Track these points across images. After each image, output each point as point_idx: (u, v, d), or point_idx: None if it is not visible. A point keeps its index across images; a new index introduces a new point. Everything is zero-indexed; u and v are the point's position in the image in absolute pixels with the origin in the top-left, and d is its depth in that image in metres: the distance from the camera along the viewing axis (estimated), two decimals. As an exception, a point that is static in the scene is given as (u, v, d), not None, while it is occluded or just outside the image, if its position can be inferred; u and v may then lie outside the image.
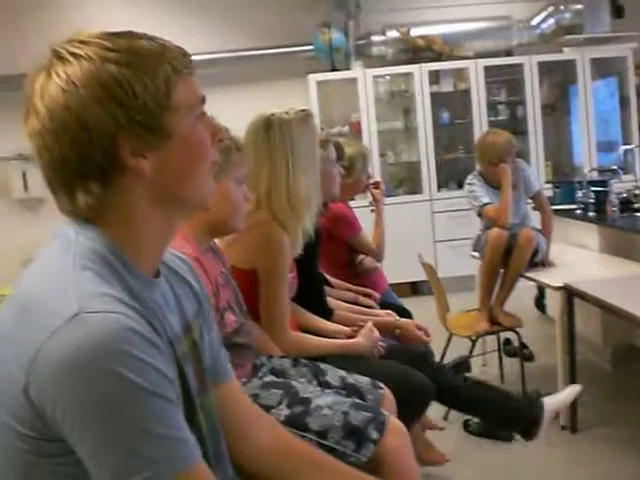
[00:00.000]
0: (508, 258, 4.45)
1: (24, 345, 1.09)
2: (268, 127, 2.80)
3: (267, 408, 2.18)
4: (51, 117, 1.18)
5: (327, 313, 3.14)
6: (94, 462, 1.09)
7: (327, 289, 3.46)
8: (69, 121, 1.17)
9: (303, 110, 2.91)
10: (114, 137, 1.18)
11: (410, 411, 2.63)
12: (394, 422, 2.24)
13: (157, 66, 1.22)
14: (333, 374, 2.54)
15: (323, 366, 2.58)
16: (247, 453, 1.55)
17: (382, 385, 2.53)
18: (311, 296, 3.07)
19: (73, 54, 1.19)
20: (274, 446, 1.59)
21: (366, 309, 3.48)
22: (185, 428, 1.16)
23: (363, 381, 2.52)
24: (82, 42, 1.21)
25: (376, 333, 2.90)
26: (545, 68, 8.07)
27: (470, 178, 4.69)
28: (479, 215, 4.62)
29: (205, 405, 1.41)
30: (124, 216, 1.24)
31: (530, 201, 4.77)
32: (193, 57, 1.29)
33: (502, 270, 4.56)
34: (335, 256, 3.97)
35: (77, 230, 1.23)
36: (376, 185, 4.40)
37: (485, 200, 4.51)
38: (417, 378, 2.80)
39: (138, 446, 1.08)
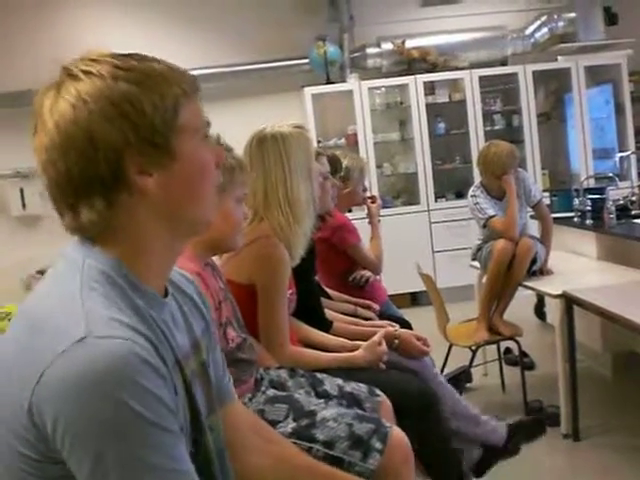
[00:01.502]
0: (507, 268, 4.46)
1: (30, 366, 1.09)
2: (262, 141, 2.82)
3: (274, 423, 2.18)
4: (59, 132, 1.18)
5: (326, 325, 3.14)
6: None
7: (326, 301, 3.46)
8: (77, 136, 1.17)
9: (297, 124, 2.94)
10: (121, 154, 1.19)
11: (411, 420, 2.62)
12: (397, 433, 2.24)
13: (166, 87, 1.23)
14: (330, 383, 2.54)
15: (320, 375, 2.58)
16: (248, 475, 1.55)
17: (379, 392, 2.54)
18: (309, 309, 3.07)
19: (84, 72, 1.20)
20: (273, 464, 1.60)
21: (364, 321, 3.48)
22: (185, 460, 1.15)
23: (360, 389, 2.53)
24: (94, 60, 1.22)
25: (382, 347, 2.89)
26: (540, 77, 8.09)
27: (473, 190, 4.69)
28: (484, 227, 4.62)
29: (213, 425, 1.41)
30: (129, 235, 1.24)
31: (530, 210, 4.78)
32: (189, 72, 1.30)
33: (500, 279, 4.57)
34: (335, 267, 3.98)
35: (84, 251, 1.23)
36: (372, 199, 4.41)
37: (491, 212, 4.53)
38: (415, 385, 2.80)
39: (135, 476, 1.07)
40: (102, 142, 1.17)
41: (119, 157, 1.19)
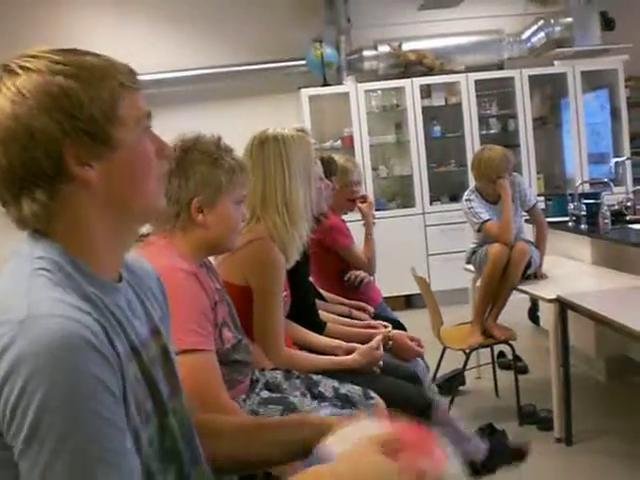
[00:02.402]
0: (502, 271, 4.46)
1: None
2: (263, 142, 2.83)
3: None
4: (0, 127, 1.20)
5: (319, 327, 3.14)
6: (28, 475, 1.07)
7: (320, 303, 3.46)
8: (17, 130, 1.19)
9: (299, 128, 2.94)
10: (61, 146, 1.20)
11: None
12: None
13: (103, 79, 1.25)
14: (326, 385, 2.54)
15: (315, 377, 2.58)
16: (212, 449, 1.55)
17: (374, 395, 2.54)
18: (303, 310, 3.08)
19: (22, 67, 1.22)
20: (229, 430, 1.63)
21: (359, 322, 3.49)
22: (125, 453, 1.13)
23: (355, 391, 2.53)
24: (32, 56, 1.24)
25: (379, 352, 2.89)
26: (536, 81, 8.11)
27: (468, 194, 4.69)
28: (479, 231, 4.62)
29: (177, 407, 1.41)
30: (74, 225, 1.26)
31: (524, 214, 4.79)
32: (186, 73, 1.31)
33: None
34: (328, 269, 3.99)
35: (32, 243, 1.25)
36: (363, 199, 4.41)
37: (485, 216, 4.53)
38: (410, 391, 2.81)
39: (72, 467, 1.06)
40: (42, 135, 1.19)
41: (59, 149, 1.21)
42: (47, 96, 1.19)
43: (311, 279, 3.50)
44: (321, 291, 3.67)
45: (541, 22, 8.12)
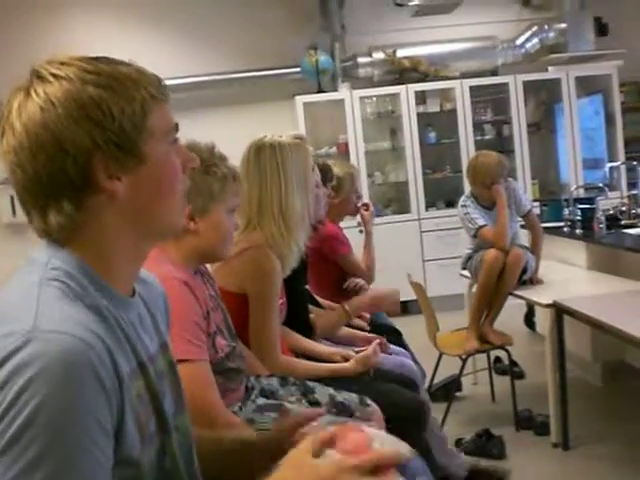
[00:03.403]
0: (498, 277, 4.46)
1: None
2: (259, 150, 2.82)
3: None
4: (28, 134, 1.18)
5: (309, 330, 3.15)
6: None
7: (316, 310, 3.46)
8: (46, 139, 1.17)
9: (297, 135, 2.94)
10: (90, 157, 1.19)
11: (403, 430, 2.62)
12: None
13: (134, 90, 1.23)
14: (321, 392, 2.54)
15: (311, 384, 2.58)
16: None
17: (370, 402, 2.53)
18: (296, 317, 3.08)
19: (53, 74, 1.20)
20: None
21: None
22: None
23: (351, 399, 2.52)
24: (62, 63, 1.22)
25: (375, 359, 2.89)
26: (530, 87, 8.12)
27: (463, 200, 4.70)
28: (474, 237, 4.63)
29: (180, 425, 1.40)
30: (96, 237, 1.24)
31: (520, 219, 4.79)
32: (181, 80, 1.30)
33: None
34: (325, 277, 3.98)
35: (50, 252, 1.23)
36: (366, 207, 4.41)
37: (481, 222, 4.53)
38: (405, 396, 2.81)
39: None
40: (71, 146, 1.18)
41: (88, 161, 1.19)
42: (77, 105, 1.18)
43: (308, 287, 3.50)
44: (317, 298, 3.67)
45: (535, 28, 8.14)
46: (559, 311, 3.90)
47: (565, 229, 5.30)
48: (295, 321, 3.06)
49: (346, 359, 2.89)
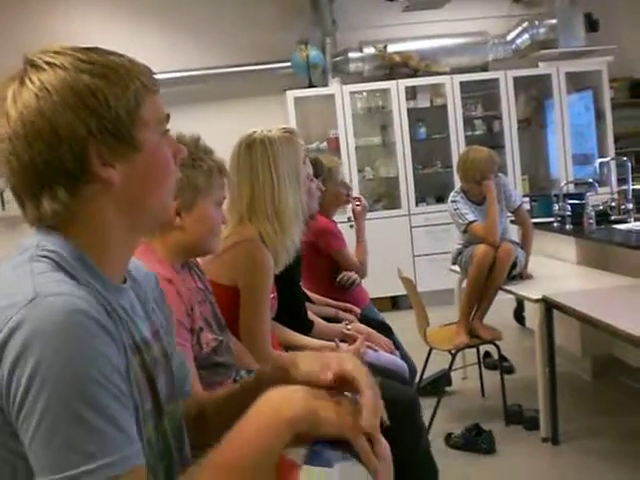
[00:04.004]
0: (488, 272, 4.47)
1: None
2: (250, 145, 2.81)
3: None
4: (23, 122, 1.18)
5: (307, 327, 3.15)
6: (33, 450, 1.06)
7: (307, 305, 3.46)
8: (41, 126, 1.17)
9: (286, 128, 2.92)
10: (86, 145, 1.19)
11: (395, 424, 2.62)
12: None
13: (128, 80, 1.23)
14: None
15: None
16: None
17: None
18: (291, 312, 3.07)
19: (48, 63, 1.20)
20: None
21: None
22: (127, 427, 1.11)
23: None
24: (56, 52, 1.22)
25: (362, 352, 2.88)
26: (521, 83, 8.14)
27: (453, 195, 4.70)
28: (464, 232, 4.63)
29: (172, 411, 1.41)
30: (88, 224, 1.24)
31: (510, 214, 4.80)
32: (172, 74, 1.31)
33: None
34: (318, 271, 3.98)
35: (39, 236, 1.23)
36: (358, 201, 4.39)
37: (471, 218, 4.54)
38: (396, 391, 2.81)
39: (77, 438, 1.04)
40: (66, 133, 1.18)
41: (83, 148, 1.19)
42: (73, 93, 1.18)
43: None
44: (308, 292, 3.67)
45: (525, 24, 8.15)
46: (549, 306, 3.91)
47: (555, 224, 5.31)
48: (292, 316, 3.06)
49: (333, 352, 2.89)
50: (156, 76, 1.32)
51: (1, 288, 1.16)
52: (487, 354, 5.26)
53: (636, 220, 5.08)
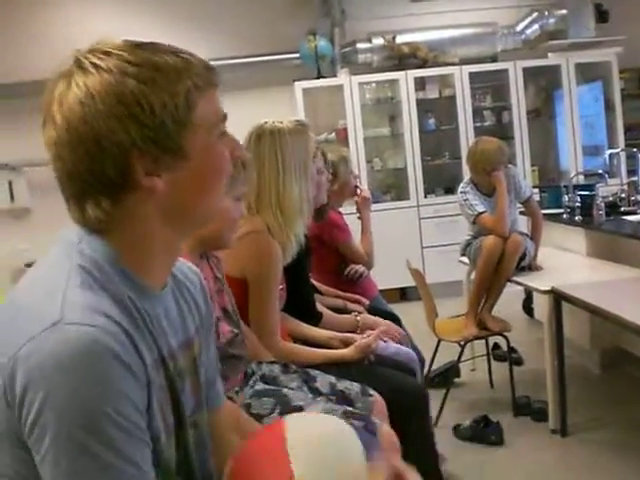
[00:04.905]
0: (497, 263, 4.46)
1: (6, 348, 1.09)
2: (260, 135, 2.80)
3: (259, 417, 2.17)
4: (67, 128, 1.16)
5: (316, 318, 3.15)
6: (43, 473, 1.07)
7: (316, 296, 3.46)
8: (84, 135, 1.15)
9: (298, 120, 2.90)
10: (128, 155, 1.16)
11: (404, 415, 2.62)
12: (385, 430, 2.24)
13: (178, 83, 1.20)
14: (323, 380, 2.53)
15: (312, 372, 2.57)
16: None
17: (372, 392, 2.52)
18: (301, 303, 3.07)
19: (94, 65, 1.17)
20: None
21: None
22: (144, 465, 1.12)
23: (352, 388, 2.51)
24: (105, 53, 1.19)
25: (374, 346, 2.88)
26: (530, 73, 8.11)
27: (463, 186, 4.69)
28: (473, 223, 4.62)
29: (199, 422, 1.40)
30: (132, 229, 1.22)
31: (519, 206, 4.79)
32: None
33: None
34: (325, 263, 3.98)
35: (81, 236, 1.22)
36: (358, 191, 4.34)
37: (480, 209, 4.52)
38: (407, 383, 2.81)
39: (88, 475, 1.05)
40: (109, 142, 1.15)
41: (126, 158, 1.17)
42: (117, 101, 1.15)
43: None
44: (316, 284, 3.67)
45: (535, 14, 8.11)
46: (558, 298, 3.90)
47: (564, 216, 5.29)
48: (301, 308, 3.06)
49: (345, 343, 2.89)
50: (213, 67, 1.28)
51: (33, 294, 1.16)
52: (496, 346, 5.25)
53: (646, 211, 5.07)
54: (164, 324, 1.29)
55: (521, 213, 4.96)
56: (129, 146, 1.16)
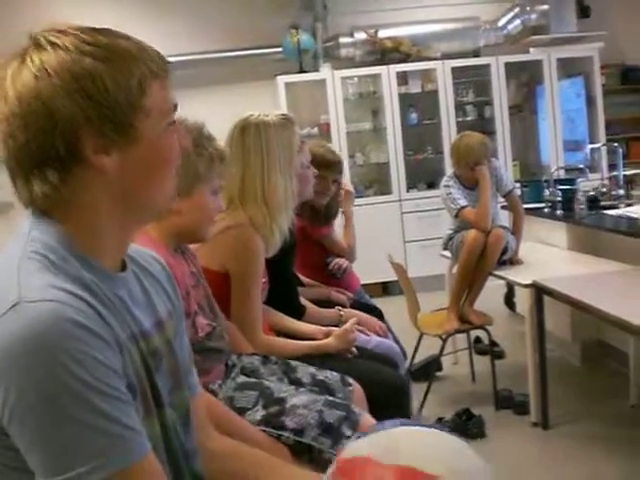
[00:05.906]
0: (478, 257, 4.47)
1: None
2: (244, 128, 2.80)
3: (243, 410, 2.18)
4: (20, 102, 1.16)
5: (299, 312, 3.15)
6: (32, 455, 1.07)
7: (300, 288, 3.46)
8: (37, 109, 1.16)
9: (284, 114, 2.91)
10: (79, 130, 1.17)
11: (385, 407, 2.63)
12: (367, 420, 2.25)
13: (133, 65, 1.20)
14: (303, 371, 2.53)
15: (293, 363, 2.58)
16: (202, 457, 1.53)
17: (351, 381, 2.53)
18: (284, 297, 3.07)
19: (51, 42, 1.18)
20: (222, 451, 1.58)
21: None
22: (129, 422, 1.13)
23: (333, 378, 2.52)
24: (61, 32, 1.20)
25: (353, 334, 2.89)
26: (512, 68, 8.13)
27: (446, 180, 4.70)
28: (456, 217, 4.63)
29: (177, 403, 1.40)
30: (81, 210, 1.23)
31: (501, 200, 4.80)
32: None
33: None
34: (309, 256, 3.97)
35: (32, 224, 1.22)
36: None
37: (463, 203, 4.53)
38: (387, 374, 2.81)
39: (75, 441, 1.06)
40: (61, 117, 1.16)
41: (77, 134, 1.17)
42: (72, 77, 1.16)
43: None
44: (300, 276, 3.67)
45: (517, 9, 8.13)
46: (539, 291, 3.92)
47: (545, 210, 5.32)
48: (284, 301, 3.05)
49: (328, 336, 2.89)
50: (166, 58, 1.29)
51: None
52: (478, 339, 5.27)
53: (626, 206, 5.09)
54: (129, 304, 1.29)
55: (502, 207, 4.97)
56: (80, 121, 1.17)
